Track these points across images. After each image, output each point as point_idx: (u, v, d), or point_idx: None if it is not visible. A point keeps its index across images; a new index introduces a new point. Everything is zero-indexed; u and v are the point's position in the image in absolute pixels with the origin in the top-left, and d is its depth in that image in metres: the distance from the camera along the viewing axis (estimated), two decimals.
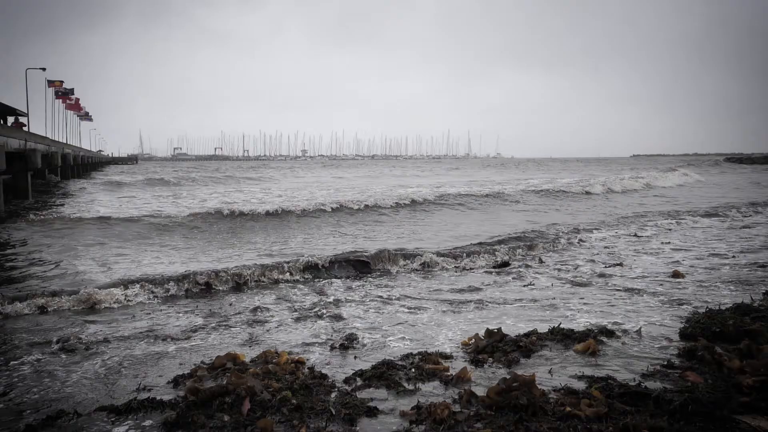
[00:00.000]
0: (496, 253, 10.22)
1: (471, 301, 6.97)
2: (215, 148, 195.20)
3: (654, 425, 3.29)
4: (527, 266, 9.33)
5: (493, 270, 9.15)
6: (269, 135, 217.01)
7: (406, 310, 6.62)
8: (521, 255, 10.38)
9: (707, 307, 5.87)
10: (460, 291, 7.65)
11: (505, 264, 9.45)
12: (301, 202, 18.76)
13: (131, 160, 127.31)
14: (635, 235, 12.93)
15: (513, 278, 8.45)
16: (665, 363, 4.46)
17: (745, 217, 16.66)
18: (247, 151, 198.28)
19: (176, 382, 4.28)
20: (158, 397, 3.91)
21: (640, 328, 5.40)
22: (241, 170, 67.42)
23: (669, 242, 11.72)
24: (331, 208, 17.20)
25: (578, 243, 11.74)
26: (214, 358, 4.59)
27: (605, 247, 11.23)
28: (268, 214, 15.97)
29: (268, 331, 5.88)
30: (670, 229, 13.98)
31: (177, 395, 3.99)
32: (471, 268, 9.32)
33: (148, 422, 3.62)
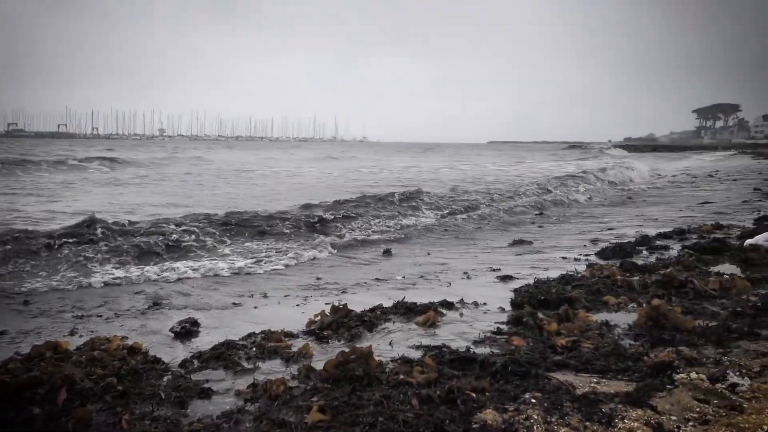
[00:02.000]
0: None
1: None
2: (59, 125, 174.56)
3: (477, 386, 3.51)
4: None
5: None
6: (123, 113, 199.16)
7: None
8: None
9: (536, 278, 6.40)
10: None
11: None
12: None
13: None
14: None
15: None
16: (495, 330, 4.79)
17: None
18: (97, 129, 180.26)
19: None
20: None
21: (476, 300, 5.75)
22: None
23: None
24: None
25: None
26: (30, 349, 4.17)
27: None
28: None
29: (107, 320, 5.50)
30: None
31: None
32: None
33: None
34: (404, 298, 5.60)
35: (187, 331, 4.92)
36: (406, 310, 5.31)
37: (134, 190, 19.99)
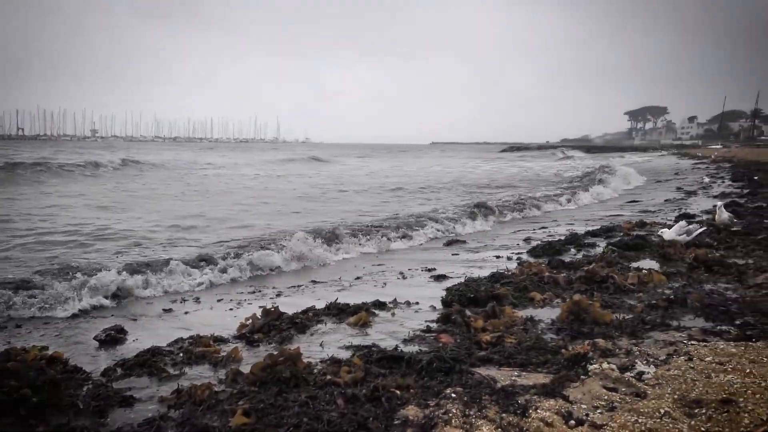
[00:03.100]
0: None
1: None
2: None
3: (402, 383, 3.58)
4: None
5: None
6: (51, 112, 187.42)
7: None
8: None
9: (466, 276, 6.56)
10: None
11: None
12: None
13: None
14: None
15: None
16: (425, 329, 4.89)
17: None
18: (22, 129, 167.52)
19: None
20: None
21: (408, 300, 5.85)
22: None
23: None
24: None
25: None
26: None
27: None
28: None
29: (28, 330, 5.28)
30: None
31: None
32: None
33: None
34: (337, 299, 5.64)
35: (112, 338, 4.80)
36: (339, 311, 5.35)
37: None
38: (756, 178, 22.56)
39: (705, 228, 9.03)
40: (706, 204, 14.91)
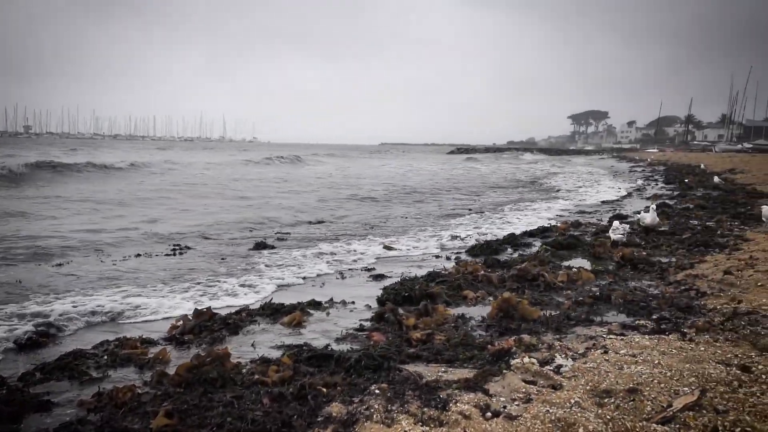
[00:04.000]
0: None
1: None
2: None
3: (329, 381, 3.61)
4: None
5: None
6: None
7: None
8: None
9: (403, 275, 6.65)
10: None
11: None
12: None
13: None
14: None
15: None
16: (358, 327, 4.93)
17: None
18: None
19: None
20: None
21: (344, 299, 5.88)
22: None
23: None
24: None
25: None
26: None
27: None
28: None
29: None
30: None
31: None
32: None
33: None
34: (272, 299, 5.61)
35: (33, 342, 4.63)
36: (273, 312, 5.33)
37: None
38: (686, 180, 23.69)
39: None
40: (639, 205, 15.57)
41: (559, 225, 11.17)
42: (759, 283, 5.83)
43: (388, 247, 9.31)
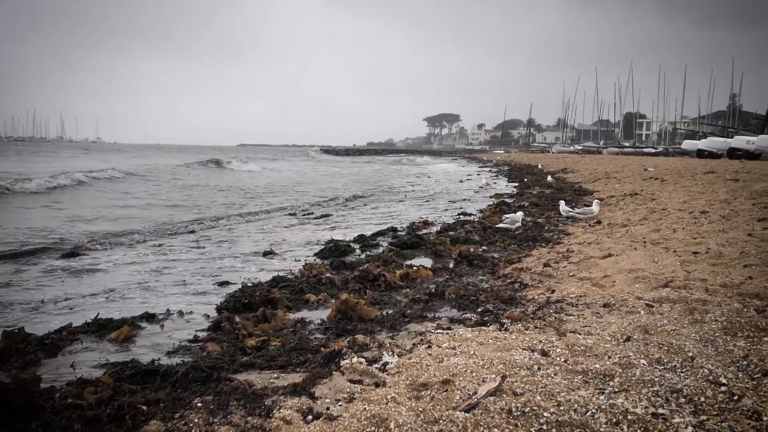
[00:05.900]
0: None
1: None
2: None
3: (152, 398, 3.46)
4: None
5: None
6: None
7: None
8: None
9: (243, 283, 6.55)
10: None
11: None
12: None
13: None
14: None
15: None
16: (192, 338, 4.77)
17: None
18: None
19: None
20: None
21: (182, 310, 5.66)
22: None
23: None
24: None
25: None
26: None
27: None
28: None
29: None
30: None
31: None
32: None
33: None
34: (98, 314, 5.25)
35: None
36: (100, 328, 4.98)
37: None
38: (525, 180, 25.83)
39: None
40: (482, 204, 16.70)
41: (414, 224, 11.68)
42: (570, 274, 6.52)
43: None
